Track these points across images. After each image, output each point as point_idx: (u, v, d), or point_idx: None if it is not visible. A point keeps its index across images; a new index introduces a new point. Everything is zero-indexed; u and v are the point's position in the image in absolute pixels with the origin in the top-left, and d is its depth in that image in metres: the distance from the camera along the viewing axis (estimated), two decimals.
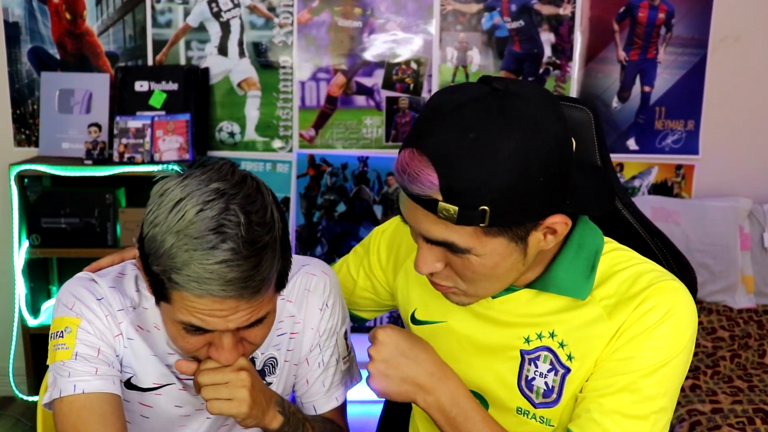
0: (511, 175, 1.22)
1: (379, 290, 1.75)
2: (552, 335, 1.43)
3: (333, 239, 3.82)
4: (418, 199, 1.27)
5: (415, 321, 1.63)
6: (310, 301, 1.62)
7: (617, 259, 1.44)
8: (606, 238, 1.47)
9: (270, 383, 1.60)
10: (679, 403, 2.93)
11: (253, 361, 1.57)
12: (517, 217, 1.27)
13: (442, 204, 1.24)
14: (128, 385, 1.53)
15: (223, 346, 1.36)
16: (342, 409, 1.72)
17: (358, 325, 1.92)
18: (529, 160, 1.22)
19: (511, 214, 1.25)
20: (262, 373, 1.58)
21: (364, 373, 1.74)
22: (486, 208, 1.23)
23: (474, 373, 1.53)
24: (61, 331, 1.47)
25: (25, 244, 3.51)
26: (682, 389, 3.03)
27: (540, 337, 1.45)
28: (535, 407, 1.46)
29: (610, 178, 1.61)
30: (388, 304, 1.79)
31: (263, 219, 1.30)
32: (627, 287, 1.40)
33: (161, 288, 1.32)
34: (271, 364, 1.60)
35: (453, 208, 1.24)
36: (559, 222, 1.32)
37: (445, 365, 1.47)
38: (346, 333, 1.70)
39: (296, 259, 1.64)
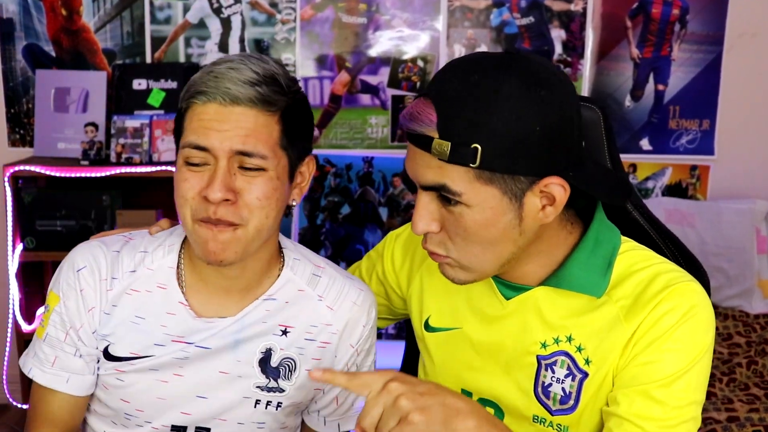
0: (506, 118, 1.28)
1: (391, 296, 1.77)
2: (569, 339, 1.45)
3: (337, 242, 3.84)
4: (417, 139, 1.33)
5: (428, 328, 1.65)
6: (355, 315, 1.62)
7: (635, 258, 1.46)
8: (624, 238, 1.49)
9: (283, 390, 1.58)
10: None
11: (269, 355, 1.56)
12: (509, 164, 1.30)
13: (436, 140, 1.30)
14: (108, 355, 1.56)
15: (215, 177, 1.41)
16: None
17: None
18: (528, 106, 1.29)
19: (503, 159, 1.29)
20: (276, 373, 1.57)
21: None
22: (478, 146, 1.28)
23: (490, 381, 1.54)
24: (47, 306, 1.57)
25: (20, 247, 3.53)
26: None
27: (557, 341, 1.46)
28: (552, 414, 1.47)
29: (622, 177, 1.63)
30: (399, 312, 1.81)
31: (285, 71, 1.48)
32: (644, 288, 1.41)
33: (181, 122, 1.47)
34: (288, 365, 1.58)
35: (446, 144, 1.29)
36: (556, 184, 1.34)
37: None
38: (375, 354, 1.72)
39: (341, 272, 1.68)
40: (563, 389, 1.46)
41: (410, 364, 1.92)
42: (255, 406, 1.57)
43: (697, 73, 3.80)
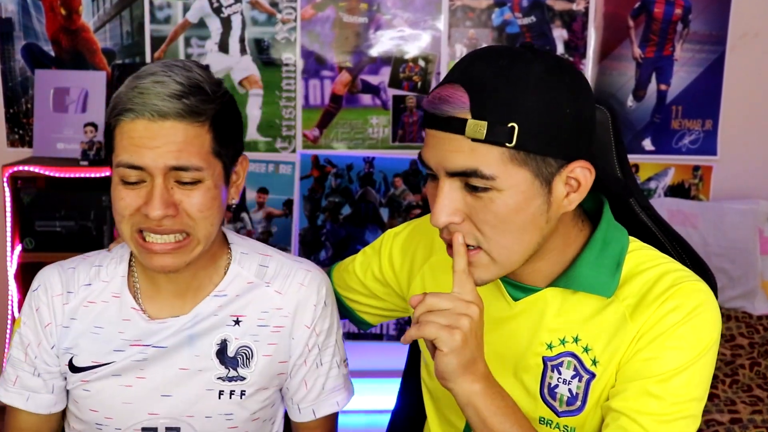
0: (539, 97, 1.30)
1: (390, 294, 1.77)
2: (576, 340, 1.45)
3: (338, 243, 3.84)
4: (447, 122, 1.33)
5: None
6: (303, 294, 1.66)
7: (642, 258, 1.46)
8: (631, 238, 1.50)
9: (244, 378, 1.62)
10: None
11: (225, 346, 1.61)
12: (543, 144, 1.31)
13: (471, 121, 1.30)
14: (73, 367, 1.62)
15: (153, 195, 1.44)
16: (336, 417, 1.76)
17: (363, 330, 1.93)
18: (559, 89, 1.31)
19: (538, 139, 1.30)
20: (234, 362, 1.61)
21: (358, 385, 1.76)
22: (515, 125, 1.29)
23: None
24: (13, 329, 1.67)
25: (19, 248, 3.53)
26: None
27: (563, 342, 1.46)
28: (559, 416, 1.48)
29: (627, 182, 1.64)
30: (396, 310, 1.81)
31: (208, 74, 1.50)
32: (650, 287, 1.42)
33: (110, 137, 1.48)
34: (245, 353, 1.62)
35: (482, 124, 1.29)
36: (583, 168, 1.36)
37: None
38: (342, 336, 1.74)
39: (289, 257, 1.72)
40: (570, 390, 1.46)
41: (414, 364, 1.92)
42: (219, 398, 1.61)
43: (700, 73, 3.81)
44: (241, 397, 1.62)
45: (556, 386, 1.47)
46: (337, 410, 1.71)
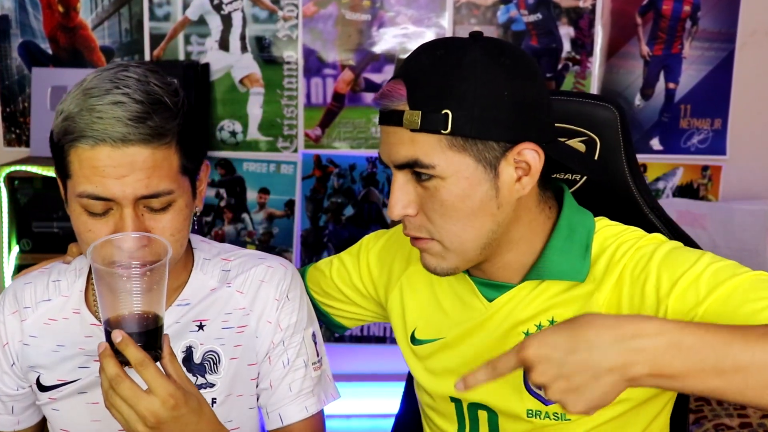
0: (474, 81, 1.33)
1: (369, 302, 1.79)
2: (552, 322, 1.47)
3: (340, 244, 3.84)
4: (389, 116, 1.38)
5: (415, 341, 1.66)
6: (264, 291, 1.63)
7: (606, 235, 1.48)
8: (597, 218, 1.51)
9: (213, 384, 1.59)
10: (705, 417, 2.96)
11: (190, 353, 1.58)
12: (481, 128, 1.34)
13: (407, 111, 1.35)
14: (40, 386, 1.61)
15: (125, 227, 1.38)
16: (315, 424, 1.68)
17: (339, 334, 1.93)
18: (495, 72, 1.34)
19: (474, 124, 1.33)
20: (201, 369, 1.59)
21: (347, 387, 1.74)
22: (448, 111, 1.33)
23: (479, 387, 1.55)
24: None
25: (15, 249, 3.54)
26: (709, 402, 3.04)
27: (539, 328, 1.48)
28: (546, 404, 1.48)
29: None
30: (374, 316, 1.82)
31: (164, 81, 1.41)
32: (611, 254, 1.44)
33: (62, 159, 1.41)
34: (212, 359, 1.59)
35: (417, 113, 1.34)
36: (529, 149, 1.37)
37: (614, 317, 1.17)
38: (314, 335, 1.69)
39: (254, 255, 1.69)
40: None
41: None
42: None
43: (709, 72, 3.81)
44: (212, 405, 1.58)
45: None
46: (307, 416, 1.64)
